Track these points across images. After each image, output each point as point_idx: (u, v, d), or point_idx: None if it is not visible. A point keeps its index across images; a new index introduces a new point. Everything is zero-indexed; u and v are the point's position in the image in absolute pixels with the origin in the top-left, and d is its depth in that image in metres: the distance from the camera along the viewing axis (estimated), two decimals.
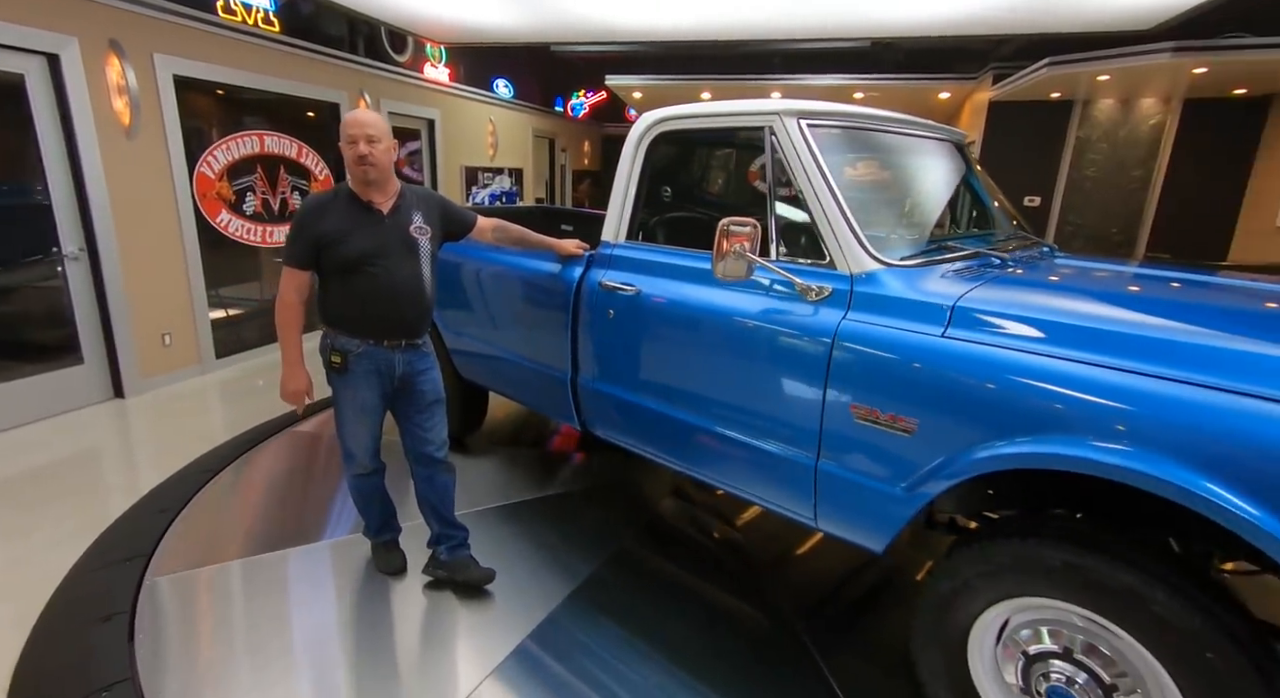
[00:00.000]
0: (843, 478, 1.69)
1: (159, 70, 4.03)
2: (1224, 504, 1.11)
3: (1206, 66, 5.05)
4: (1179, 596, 1.20)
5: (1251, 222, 6.40)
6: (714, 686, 1.82)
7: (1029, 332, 1.43)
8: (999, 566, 1.43)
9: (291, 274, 2.01)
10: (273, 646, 1.95)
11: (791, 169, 1.82)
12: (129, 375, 4.05)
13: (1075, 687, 1.38)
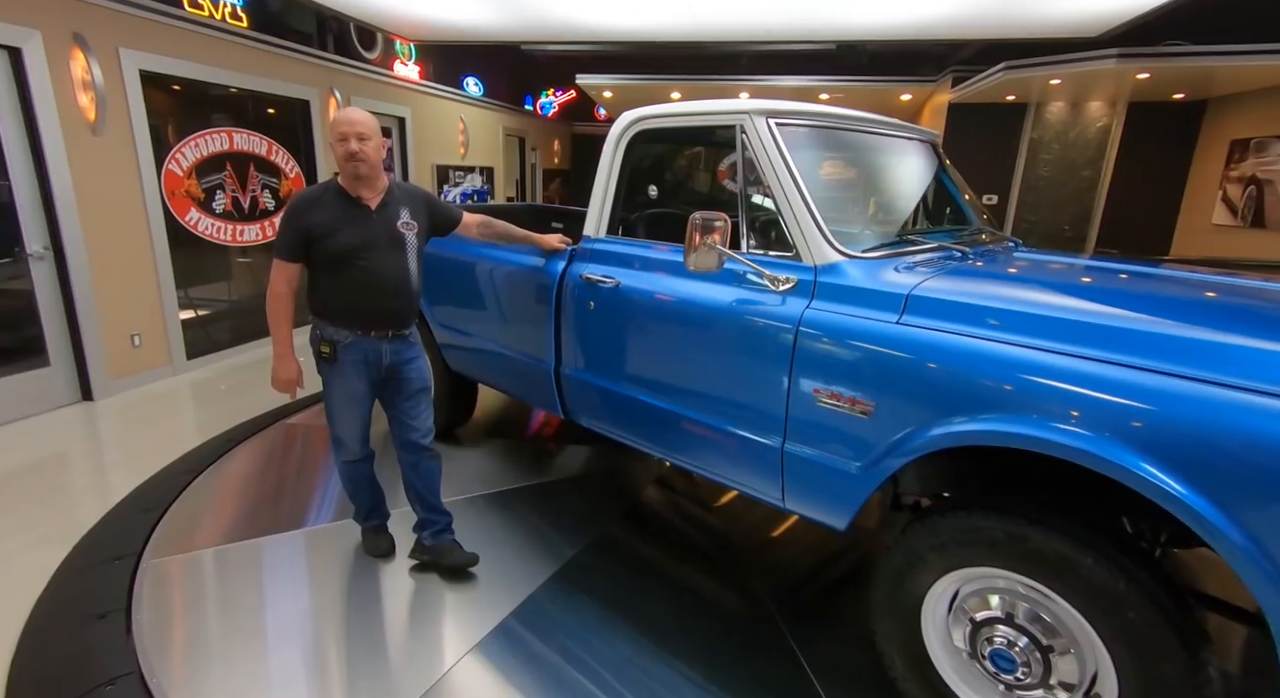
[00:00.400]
0: (807, 459, 1.77)
1: (125, 65, 3.95)
2: (1150, 478, 1.21)
3: (1149, 72, 5.35)
4: (1104, 562, 1.30)
5: (1190, 219, 6.79)
6: (688, 662, 1.89)
7: (976, 318, 1.52)
8: (947, 539, 1.52)
9: (281, 266, 2.05)
10: (267, 627, 2.01)
11: (760, 166, 1.91)
12: (97, 378, 3.96)
13: (1016, 649, 1.47)
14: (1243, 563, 1.14)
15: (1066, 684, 1.41)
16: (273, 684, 1.79)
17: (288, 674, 1.82)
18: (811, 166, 1.98)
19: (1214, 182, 6.38)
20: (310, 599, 2.16)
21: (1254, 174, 5.86)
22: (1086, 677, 1.39)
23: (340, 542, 2.48)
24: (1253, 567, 1.13)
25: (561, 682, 1.80)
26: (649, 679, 1.82)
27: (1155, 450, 1.22)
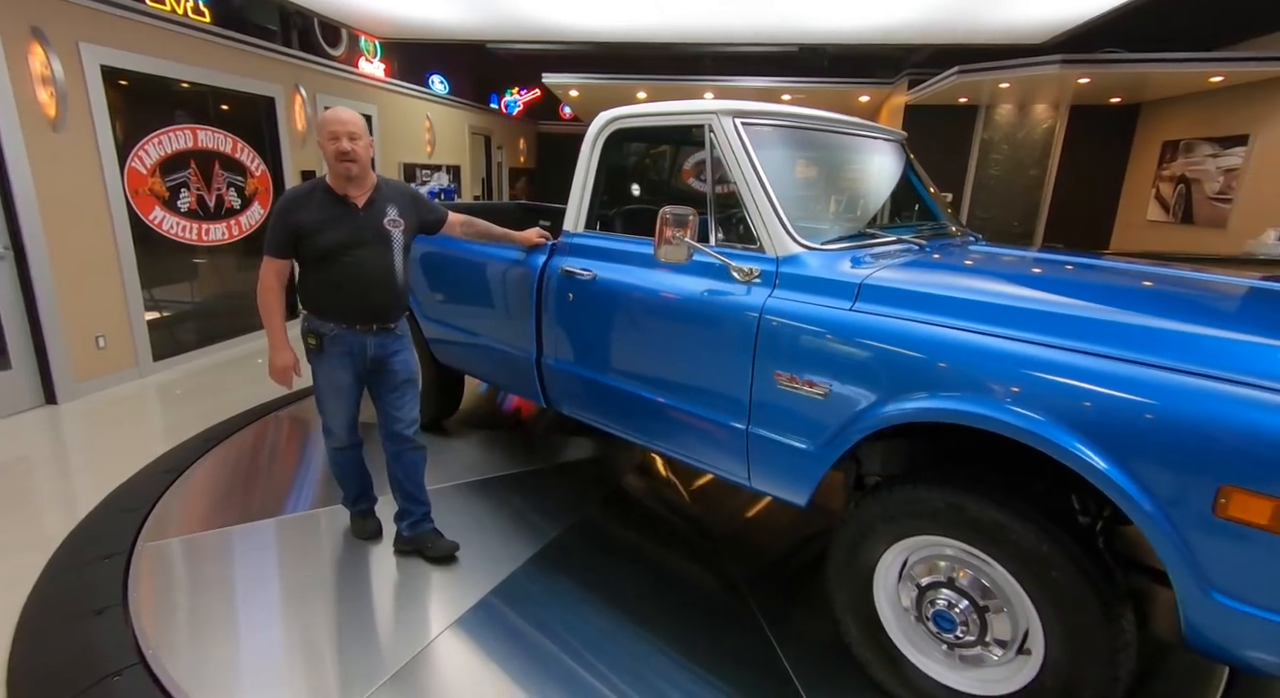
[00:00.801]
0: (769, 440, 1.86)
1: (85, 60, 3.85)
2: (1073, 450, 1.31)
3: (1088, 77, 5.69)
4: (1031, 527, 1.41)
5: (1127, 215, 7.23)
6: (662, 636, 1.98)
7: (920, 305, 1.63)
8: (895, 510, 1.63)
9: (270, 262, 2.12)
10: (262, 608, 2.09)
11: (727, 162, 2.01)
12: (61, 380, 3.86)
13: (956, 611, 1.58)
14: (1151, 529, 1.26)
15: (1000, 641, 1.54)
16: (272, 661, 1.86)
17: (284, 651, 1.90)
18: (775, 163, 2.08)
19: (1148, 180, 6.81)
20: (301, 580, 2.23)
21: (1183, 174, 6.29)
22: (1019, 634, 1.51)
23: (330, 525, 2.56)
24: (1159, 532, 1.26)
25: (538, 655, 1.88)
26: (622, 653, 1.90)
27: (1079, 425, 1.33)
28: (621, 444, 3.33)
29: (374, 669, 1.82)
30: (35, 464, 3.22)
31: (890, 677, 1.71)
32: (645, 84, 8.64)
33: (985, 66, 5.82)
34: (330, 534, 2.51)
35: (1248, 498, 1.16)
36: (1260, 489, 1.15)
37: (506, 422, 3.74)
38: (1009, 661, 1.54)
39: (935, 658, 1.66)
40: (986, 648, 1.57)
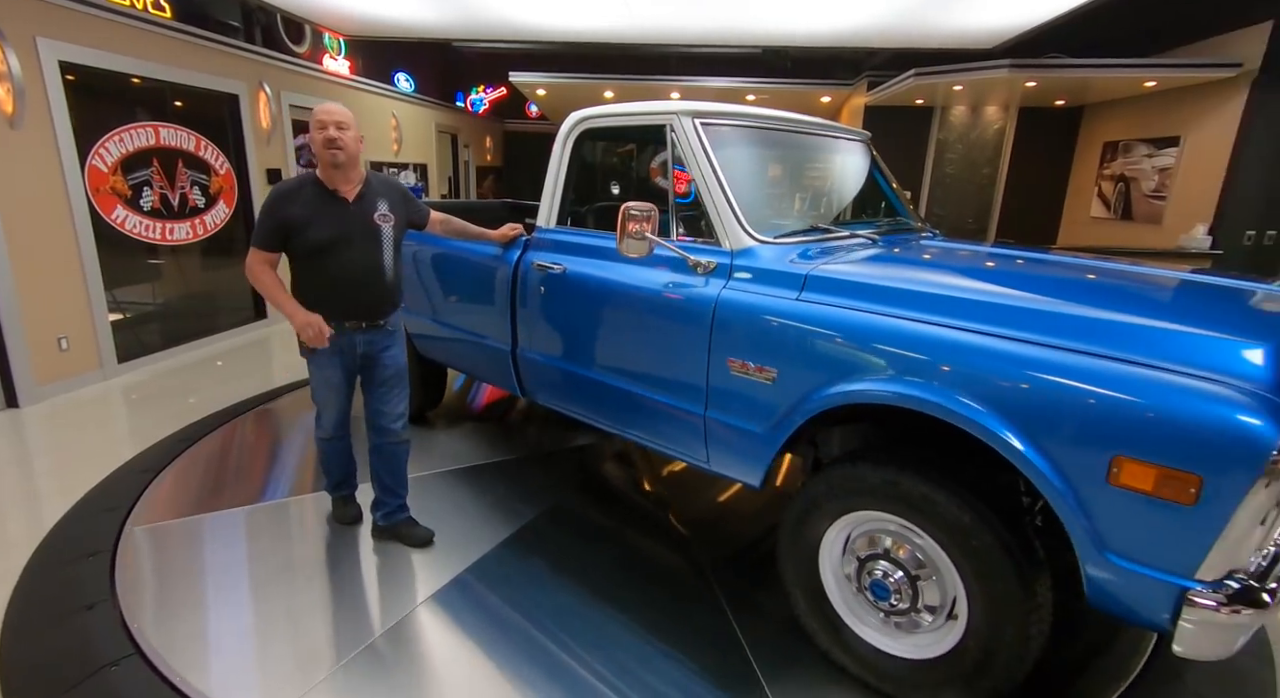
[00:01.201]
0: (724, 424, 1.95)
1: (43, 55, 3.77)
2: (988, 426, 1.41)
3: (1035, 81, 5.98)
4: (954, 500, 1.51)
5: (1073, 212, 7.61)
6: (625, 611, 2.08)
7: (861, 294, 1.73)
8: (837, 487, 1.73)
9: (256, 253, 2.11)
10: (250, 589, 2.17)
11: (686, 160, 2.10)
12: (22, 383, 3.77)
13: (891, 580, 1.68)
14: (1055, 496, 1.37)
15: (930, 607, 1.65)
16: (261, 637, 1.95)
17: (272, 625, 1.99)
18: (733, 161, 2.17)
19: (1091, 179, 7.18)
20: (284, 561, 2.32)
21: (1123, 173, 6.66)
22: (948, 600, 1.62)
23: (309, 511, 2.67)
24: (1061, 499, 1.37)
25: (508, 628, 1.99)
26: (588, 627, 2.00)
27: (993, 403, 1.43)
28: (598, 434, 3.42)
29: (356, 636, 1.94)
30: (12, 464, 3.16)
31: (834, 645, 1.82)
32: (612, 84, 8.71)
33: (939, 69, 6.07)
34: (311, 519, 2.63)
35: (1135, 466, 1.28)
36: (1146, 458, 1.27)
37: (488, 414, 3.82)
38: (939, 627, 1.65)
39: (874, 626, 1.77)
40: (918, 614, 1.67)
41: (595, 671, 1.82)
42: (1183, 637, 1.31)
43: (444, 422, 3.63)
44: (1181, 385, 1.27)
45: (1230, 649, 1.32)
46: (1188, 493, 1.24)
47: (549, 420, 3.70)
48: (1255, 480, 1.18)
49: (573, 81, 8.65)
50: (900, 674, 1.71)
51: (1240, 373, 1.27)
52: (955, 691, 1.61)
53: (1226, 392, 1.24)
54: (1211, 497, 1.22)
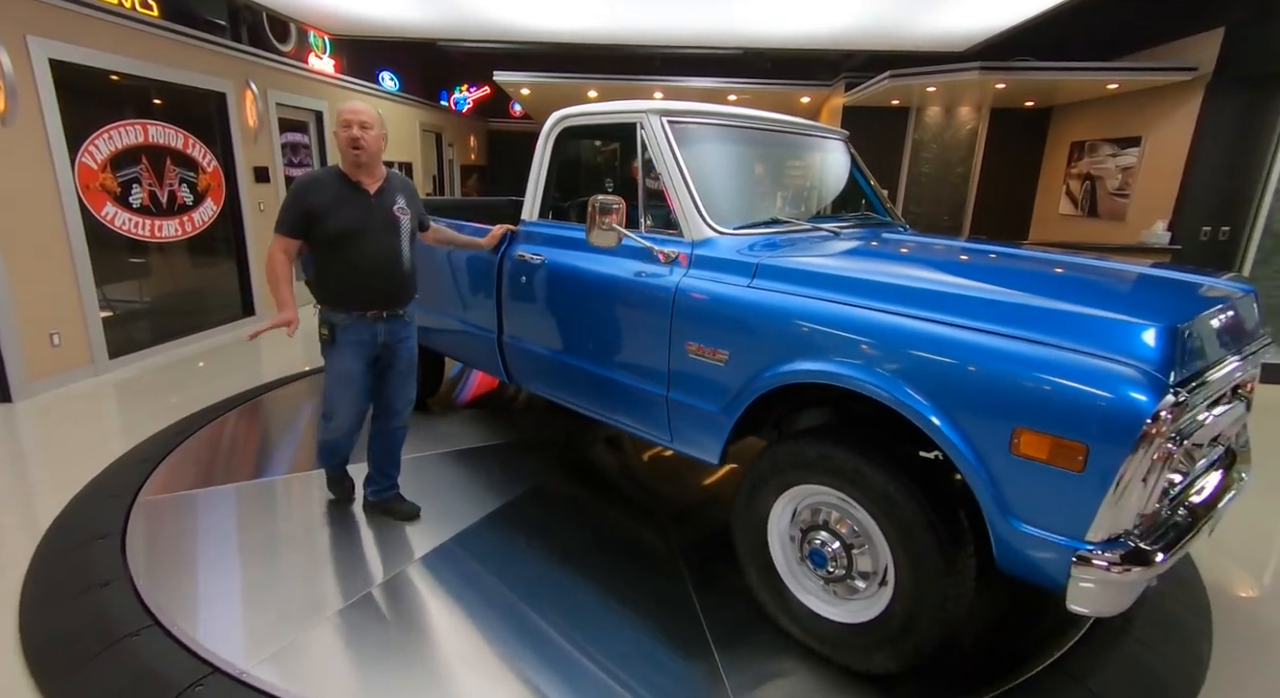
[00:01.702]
0: (684, 404, 2.07)
1: (34, 53, 3.81)
2: (909, 402, 1.52)
3: (1005, 83, 6.20)
4: (881, 472, 1.62)
5: (1043, 209, 7.87)
6: (593, 579, 2.22)
7: (805, 281, 1.83)
8: (780, 462, 1.83)
9: (280, 239, 2.18)
10: (255, 557, 2.35)
11: (654, 155, 2.22)
12: (15, 378, 3.81)
13: (828, 550, 1.79)
14: (966, 466, 1.47)
15: (864, 574, 1.76)
16: (269, 597, 2.11)
17: (278, 590, 2.15)
18: (699, 157, 2.25)
19: (1059, 178, 7.44)
20: (285, 532, 2.52)
21: (1089, 171, 6.92)
22: (880, 567, 1.72)
23: (306, 487, 2.86)
24: (971, 469, 1.46)
25: (485, 590, 2.16)
26: (557, 593, 2.15)
27: (913, 380, 1.54)
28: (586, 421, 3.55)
29: (352, 589, 2.15)
30: (9, 457, 3.22)
31: (781, 613, 1.94)
32: (596, 83, 8.82)
33: (914, 71, 6.27)
34: (307, 494, 2.79)
35: (1033, 437, 1.38)
36: (1042, 429, 1.37)
37: (484, 401, 3.99)
38: (872, 594, 1.76)
39: (815, 593, 1.89)
40: (853, 581, 1.78)
41: (561, 630, 1.98)
42: (1074, 594, 1.40)
43: (440, 408, 3.78)
44: (1073, 362, 1.37)
45: (1119, 606, 1.42)
46: (1076, 461, 1.33)
47: (541, 408, 3.84)
48: (1132, 448, 1.28)
49: (556, 81, 8.74)
50: (837, 638, 1.82)
51: (1128, 351, 1.35)
52: (884, 652, 1.72)
53: (1112, 367, 1.33)
54: (1096, 464, 1.31)
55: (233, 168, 5.59)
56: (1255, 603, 2.31)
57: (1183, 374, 1.38)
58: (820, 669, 1.84)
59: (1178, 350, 1.37)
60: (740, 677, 1.81)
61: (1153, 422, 1.27)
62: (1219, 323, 1.61)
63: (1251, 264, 5.46)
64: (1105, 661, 1.92)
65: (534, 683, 1.77)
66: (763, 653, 1.91)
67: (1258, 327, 1.81)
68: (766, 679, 1.82)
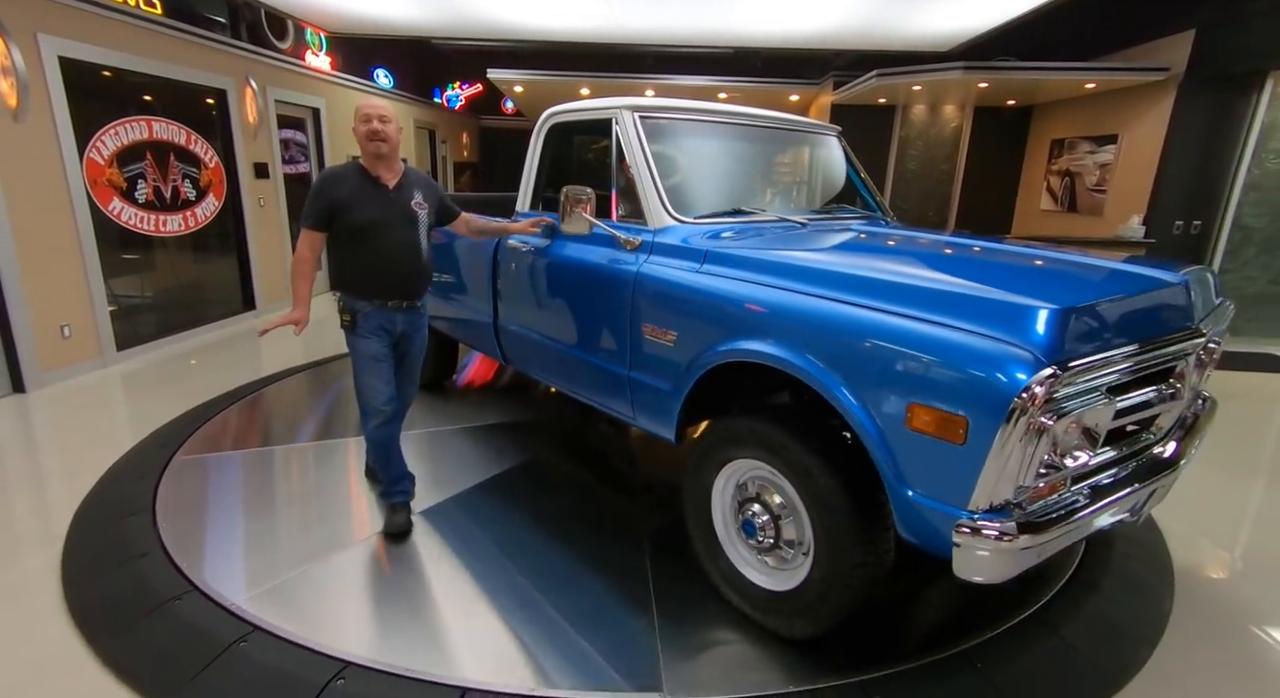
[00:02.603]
0: (643, 382, 2.18)
1: (44, 51, 3.89)
2: (820, 378, 1.62)
3: (988, 82, 6.40)
4: (800, 445, 1.72)
5: (1025, 205, 8.10)
6: (561, 542, 2.44)
7: (744, 266, 1.93)
8: (719, 438, 1.95)
9: (307, 234, 2.26)
10: (282, 517, 2.61)
11: (625, 149, 2.34)
12: (29, 369, 3.89)
13: (758, 520, 1.89)
14: (868, 440, 1.56)
15: (789, 543, 1.87)
16: (297, 550, 2.36)
17: (300, 546, 2.38)
18: (667, 150, 2.41)
19: (1040, 174, 7.67)
20: (300, 494, 2.82)
21: (1068, 168, 7.15)
22: (805, 536, 1.80)
23: (323, 453, 3.18)
24: (873, 443, 1.55)
25: (473, 543, 2.43)
26: (532, 550, 2.39)
27: (824, 357, 1.63)
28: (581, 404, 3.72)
29: (360, 532, 2.48)
30: (29, 443, 3.31)
31: (723, 582, 2.05)
32: (589, 81, 8.95)
33: (900, 70, 6.45)
34: (324, 460, 3.11)
35: (924, 411, 1.45)
36: (931, 404, 1.44)
37: (495, 383, 4.26)
38: (797, 564, 1.86)
39: (750, 563, 1.99)
40: (780, 550, 1.89)
41: (534, 583, 2.20)
42: (959, 561, 1.45)
43: (453, 388, 4.07)
44: (959, 341, 1.44)
45: (1001, 573, 1.45)
46: (958, 433, 1.40)
47: (542, 391, 4.04)
48: (1004, 420, 1.33)
49: (550, 79, 8.85)
50: (766, 604, 1.93)
51: (1010, 331, 1.41)
52: (804, 618, 1.83)
53: (993, 346, 1.39)
54: (975, 436, 1.37)
55: (233, 164, 5.67)
56: (1214, 568, 2.50)
57: (1066, 355, 1.39)
58: (750, 636, 1.95)
59: (1060, 332, 1.39)
60: (672, 633, 1.96)
61: (1025, 396, 1.31)
62: (1126, 309, 1.59)
63: (1221, 257, 5.70)
64: (1076, 614, 2.10)
65: (502, 623, 1.99)
66: (697, 614, 2.06)
67: (1190, 315, 1.75)
68: (695, 636, 1.96)
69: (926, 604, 2.16)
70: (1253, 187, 5.48)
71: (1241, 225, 5.60)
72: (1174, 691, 1.82)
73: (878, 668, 1.82)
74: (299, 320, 2.26)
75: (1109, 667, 1.89)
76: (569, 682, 1.76)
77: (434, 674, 1.76)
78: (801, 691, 1.75)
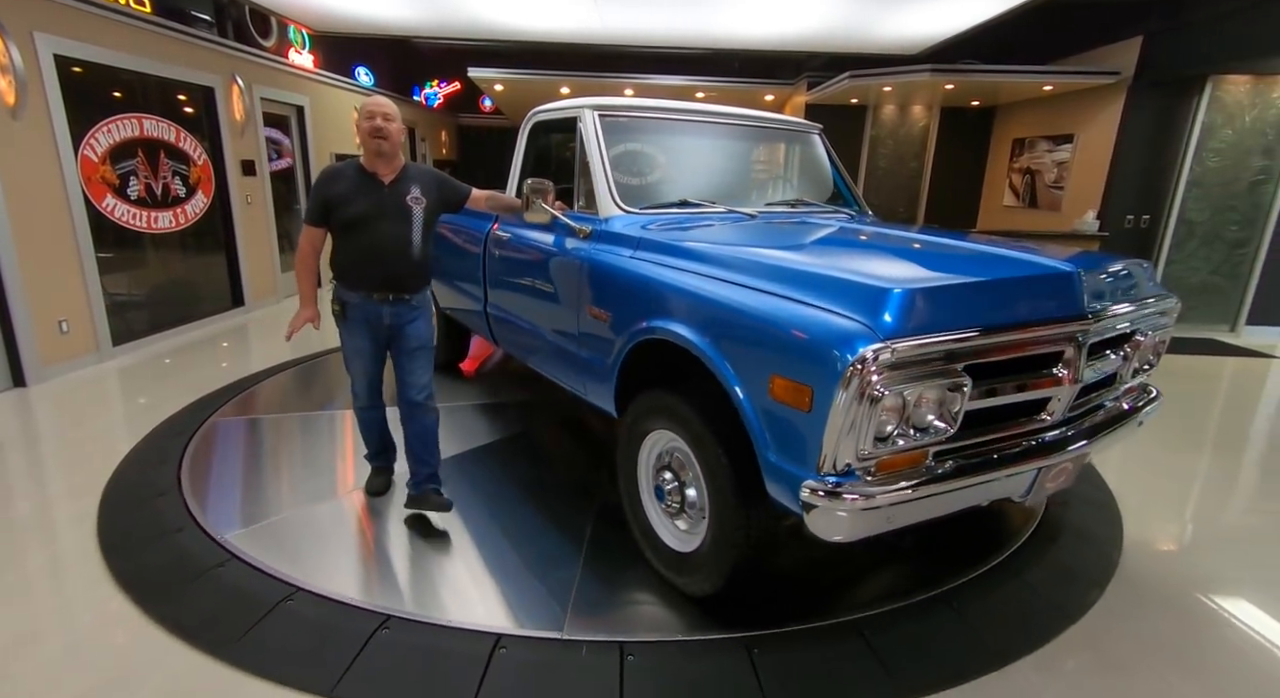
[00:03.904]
0: (588, 359, 2.33)
1: (40, 49, 3.92)
2: (709, 354, 1.73)
3: (953, 84, 6.74)
4: (696, 413, 1.84)
5: (989, 201, 8.50)
6: (529, 503, 2.70)
7: (668, 252, 2.06)
8: (639, 410, 2.09)
9: (308, 230, 2.36)
10: (300, 479, 2.85)
11: (585, 145, 2.51)
12: (29, 363, 3.93)
13: (668, 485, 2.04)
14: (741, 409, 1.66)
15: (691, 504, 2.01)
16: (321, 510, 2.58)
17: (318, 511, 2.59)
18: (622, 145, 2.55)
19: (1003, 172, 8.06)
20: (323, 459, 3.13)
21: (1029, 166, 7.54)
22: (704, 502, 1.91)
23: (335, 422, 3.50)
24: (744, 411, 1.66)
25: (464, 492, 2.74)
26: (503, 504, 2.68)
27: (708, 333, 1.77)
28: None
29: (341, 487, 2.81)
30: (39, 434, 3.37)
31: (648, 547, 2.19)
32: (569, 80, 9.09)
33: (871, 72, 6.75)
34: (334, 428, 3.44)
35: (781, 381, 1.56)
36: (786, 374, 1.55)
37: (505, 367, 4.54)
38: (700, 530, 1.97)
39: (666, 528, 2.13)
40: (689, 512, 2.03)
41: (499, 524, 2.52)
42: (809, 519, 1.54)
43: (464, 372, 4.38)
44: (810, 316, 1.55)
45: (849, 532, 1.53)
46: (805, 401, 1.50)
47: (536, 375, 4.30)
48: (837, 388, 1.42)
49: (530, 78, 8.97)
50: (676, 564, 2.07)
51: (856, 308, 1.51)
52: (701, 575, 1.96)
53: (837, 321, 1.50)
54: (818, 404, 1.47)
55: (221, 161, 5.70)
56: (1158, 524, 2.79)
57: (907, 332, 1.46)
58: (660, 593, 2.12)
59: (902, 311, 1.47)
60: (589, 586, 2.15)
61: (858, 366, 1.40)
62: (988, 294, 1.64)
63: (1168, 249, 6.12)
64: (1037, 561, 2.37)
65: (461, 559, 2.30)
66: (616, 569, 2.25)
67: (1077, 304, 1.75)
68: (611, 590, 2.15)
69: (904, 558, 2.40)
70: (1194, 183, 5.90)
71: (1185, 220, 6.01)
72: (1122, 622, 2.09)
73: (868, 609, 2.06)
74: (311, 318, 2.41)
75: (1065, 605, 2.15)
76: (482, 621, 1.96)
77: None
78: (695, 639, 1.91)
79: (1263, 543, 2.60)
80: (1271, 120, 5.69)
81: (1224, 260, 6.06)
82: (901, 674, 1.79)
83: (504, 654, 1.82)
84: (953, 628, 2.00)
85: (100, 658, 1.81)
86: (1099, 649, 1.96)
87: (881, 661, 1.84)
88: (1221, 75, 5.60)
